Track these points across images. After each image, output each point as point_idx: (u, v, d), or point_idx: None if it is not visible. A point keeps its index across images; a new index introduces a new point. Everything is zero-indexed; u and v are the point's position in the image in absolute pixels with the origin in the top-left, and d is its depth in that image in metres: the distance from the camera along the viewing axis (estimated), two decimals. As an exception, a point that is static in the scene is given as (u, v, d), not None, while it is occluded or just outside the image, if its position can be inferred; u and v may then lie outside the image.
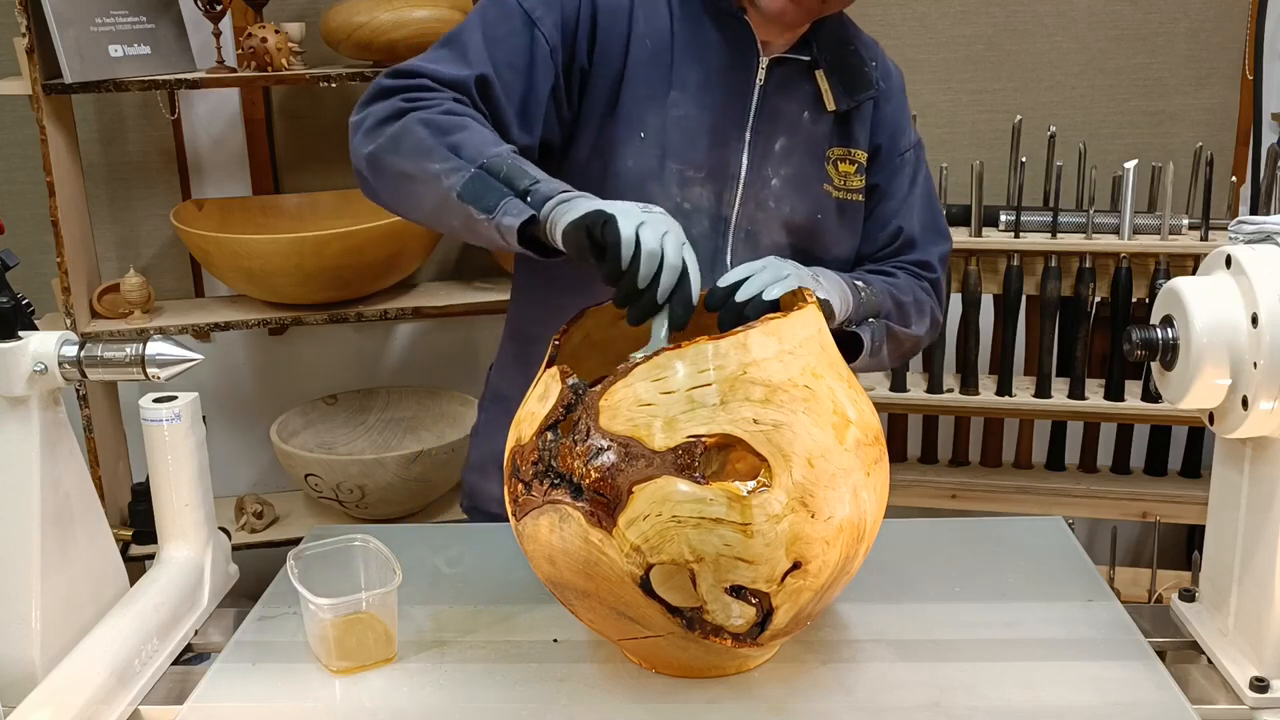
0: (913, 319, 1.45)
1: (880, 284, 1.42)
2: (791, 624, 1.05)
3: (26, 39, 2.01)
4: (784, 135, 1.40)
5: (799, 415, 1.00)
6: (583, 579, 1.04)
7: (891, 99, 1.48)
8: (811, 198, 1.41)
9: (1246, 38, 2.56)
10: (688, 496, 0.97)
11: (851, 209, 1.45)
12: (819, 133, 1.42)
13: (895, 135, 1.48)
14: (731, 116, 1.38)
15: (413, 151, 1.21)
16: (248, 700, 1.12)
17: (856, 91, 1.43)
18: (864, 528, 1.05)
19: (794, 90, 1.40)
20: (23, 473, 1.12)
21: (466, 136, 1.20)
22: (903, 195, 1.49)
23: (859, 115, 1.44)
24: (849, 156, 1.44)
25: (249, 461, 2.62)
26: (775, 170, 1.40)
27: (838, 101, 1.41)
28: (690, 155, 1.36)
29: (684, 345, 1.00)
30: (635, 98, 1.35)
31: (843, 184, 1.44)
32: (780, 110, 1.39)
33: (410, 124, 1.22)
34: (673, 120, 1.36)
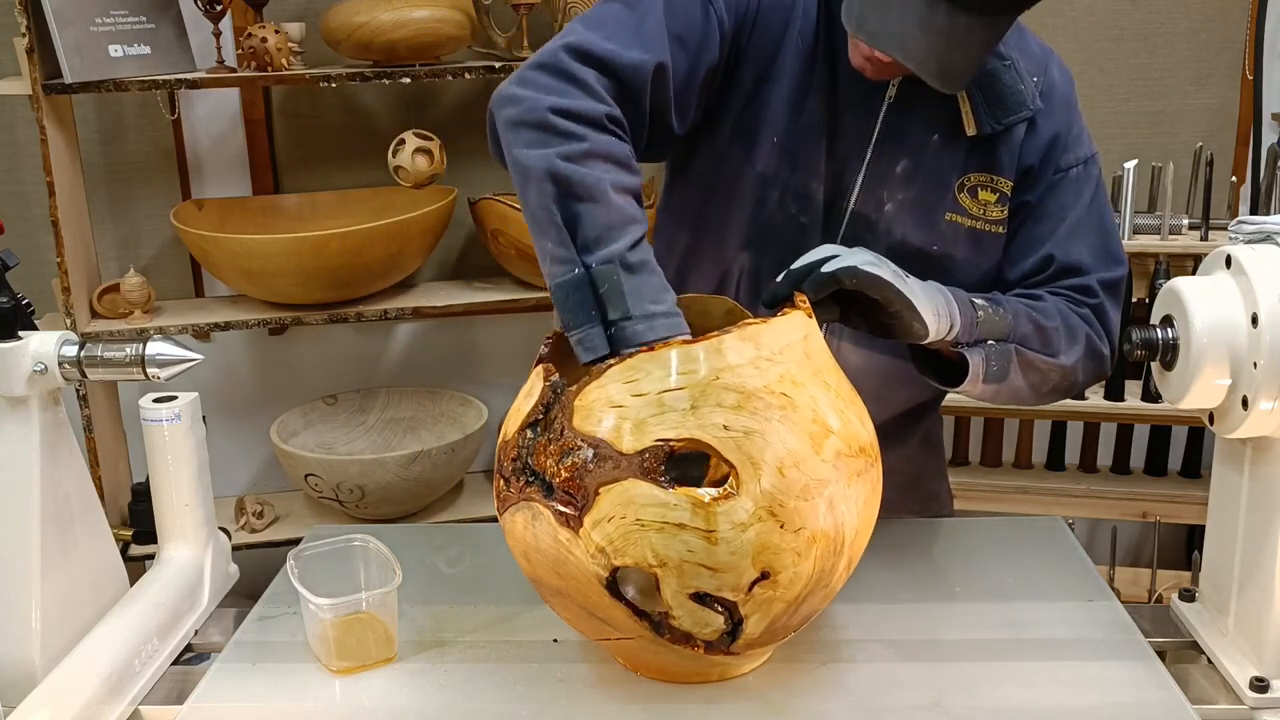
0: (1060, 347, 1.27)
1: (1016, 305, 1.26)
2: (767, 634, 1.04)
3: (26, 39, 2.01)
4: (907, 158, 1.30)
5: (773, 423, 0.98)
6: (554, 577, 1.04)
7: (1053, 114, 1.31)
8: (929, 227, 1.30)
9: (1246, 38, 2.56)
10: (652, 500, 0.96)
11: (989, 240, 1.32)
12: (951, 158, 1.30)
13: (1054, 149, 1.31)
14: (856, 133, 1.29)
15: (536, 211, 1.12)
16: (248, 700, 1.12)
17: (1006, 114, 1.29)
18: (842, 540, 1.02)
19: (927, 111, 1.28)
20: (23, 473, 1.12)
21: (592, 211, 1.09)
22: (1059, 217, 1.32)
23: (1007, 140, 1.30)
24: (991, 184, 1.31)
25: (249, 461, 2.62)
26: (892, 195, 1.30)
27: (980, 125, 1.28)
28: (813, 165, 1.29)
29: (658, 348, 1.00)
30: (779, 97, 1.28)
31: (980, 213, 1.31)
32: (906, 131, 1.29)
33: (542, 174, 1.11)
34: (804, 128, 1.28)
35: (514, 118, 1.14)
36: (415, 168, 2.16)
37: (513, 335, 2.61)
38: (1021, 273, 1.33)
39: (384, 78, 2.16)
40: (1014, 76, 1.29)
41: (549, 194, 1.10)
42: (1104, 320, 1.33)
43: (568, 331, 1.08)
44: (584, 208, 1.09)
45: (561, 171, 1.10)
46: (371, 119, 2.48)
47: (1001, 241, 1.33)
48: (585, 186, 1.10)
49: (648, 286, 1.08)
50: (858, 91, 1.28)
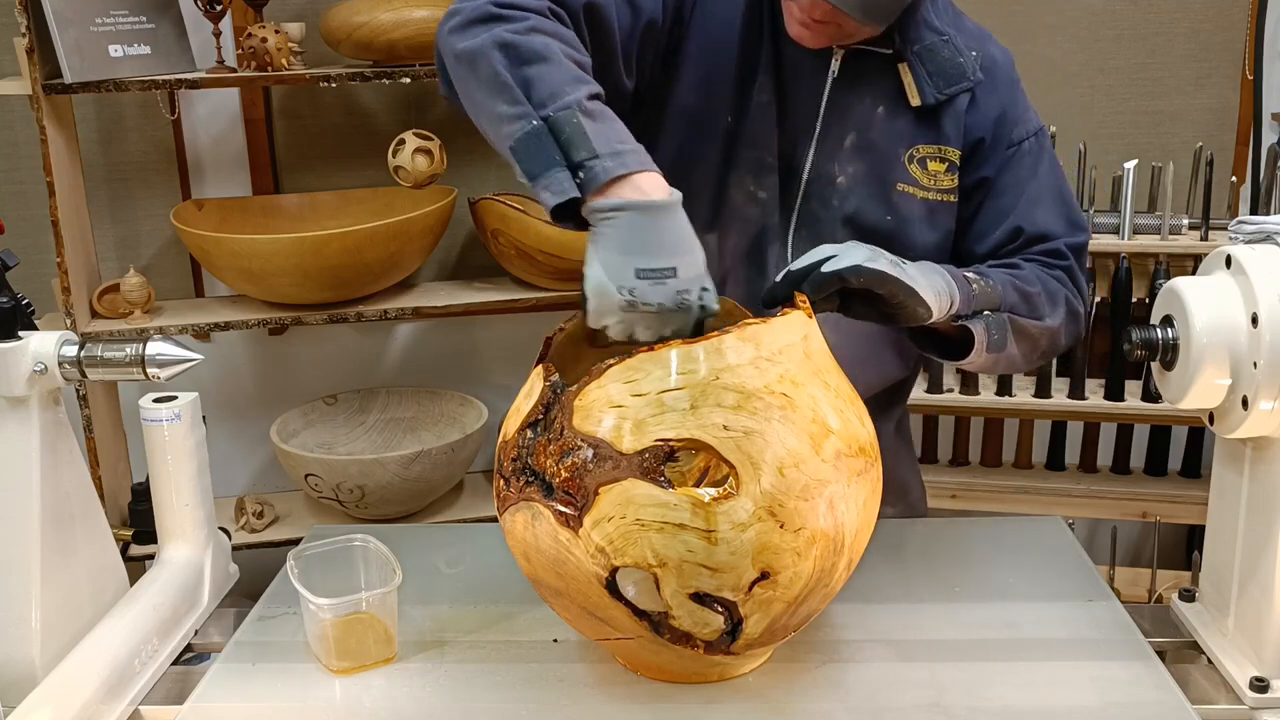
0: (1045, 310, 1.31)
1: (1000, 275, 1.30)
2: (766, 634, 1.04)
3: (26, 39, 2.01)
4: (854, 131, 1.33)
5: (773, 423, 0.98)
6: (554, 577, 1.04)
7: (997, 89, 1.36)
8: (883, 199, 1.33)
9: (1246, 38, 2.56)
10: (652, 500, 0.96)
11: (942, 210, 1.36)
12: (898, 130, 1.33)
13: (1004, 124, 1.36)
14: (803, 110, 1.33)
15: (486, 81, 1.11)
16: (248, 700, 1.12)
17: (947, 84, 1.33)
18: (842, 540, 1.02)
19: (870, 85, 1.32)
20: (23, 473, 1.12)
21: (543, 71, 1.09)
22: (1019, 190, 1.36)
23: (951, 110, 1.34)
24: (939, 155, 1.34)
25: (249, 461, 2.62)
26: (843, 168, 1.33)
27: (923, 96, 1.32)
28: (767, 142, 1.32)
29: (657, 348, 0.99)
30: (728, 79, 1.31)
31: (931, 183, 1.34)
32: (851, 105, 1.32)
33: (489, 45, 1.11)
34: (756, 106, 1.32)
35: (458, 25, 1.15)
36: (415, 168, 2.16)
37: (513, 335, 2.61)
38: (990, 247, 1.37)
39: (384, 78, 2.16)
40: (952, 50, 1.34)
41: (498, 61, 1.10)
42: (1076, 281, 1.37)
43: (531, 181, 1.06)
44: (535, 69, 1.09)
45: (508, 39, 1.10)
46: (371, 119, 2.48)
47: (954, 211, 1.36)
48: (534, 50, 1.10)
49: (611, 130, 1.08)
50: (803, 69, 1.32)
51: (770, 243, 1.35)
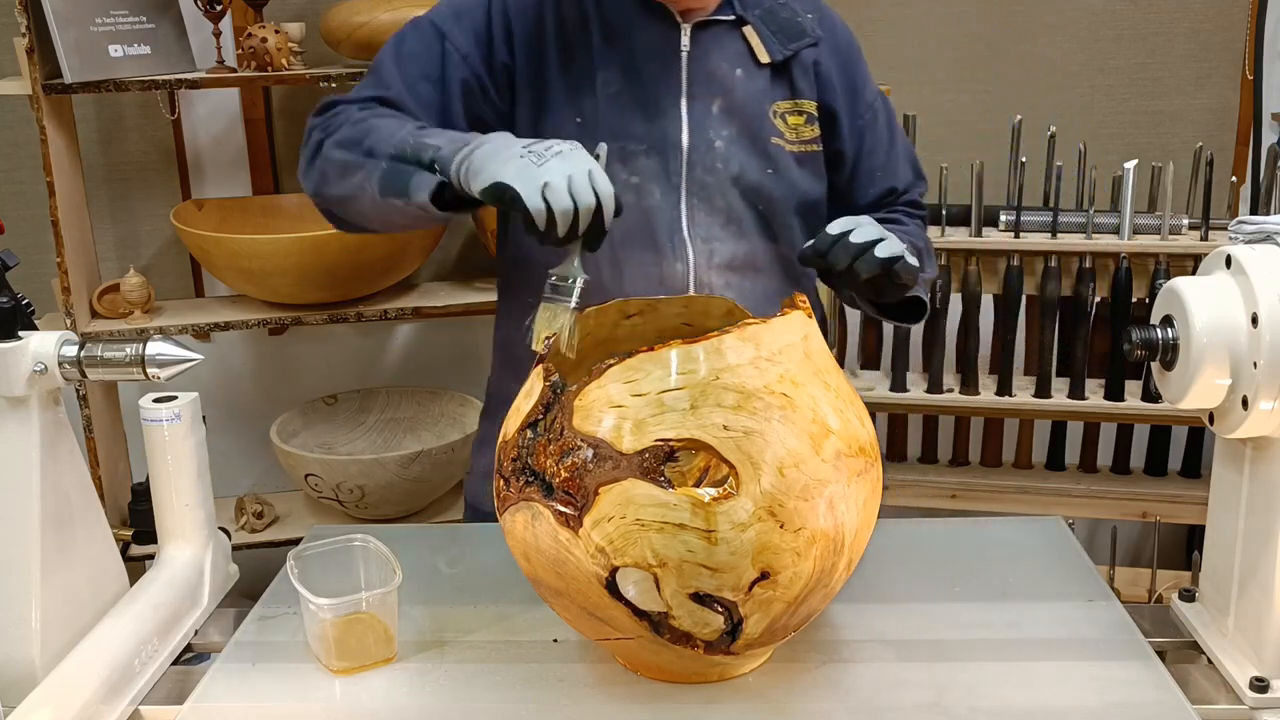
0: (926, 263, 1.47)
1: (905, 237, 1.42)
2: (766, 635, 1.04)
3: (26, 39, 2.01)
4: (720, 96, 1.42)
5: (773, 423, 0.98)
6: (554, 577, 1.04)
7: (839, 51, 1.49)
8: (760, 153, 1.43)
9: (1246, 38, 2.56)
10: (652, 500, 0.96)
11: (810, 160, 1.47)
12: (756, 88, 1.43)
13: (855, 89, 1.50)
14: (664, 87, 1.40)
15: (337, 176, 1.30)
16: (248, 700, 1.12)
17: (790, 41, 1.44)
18: (842, 540, 1.02)
19: (723, 50, 1.42)
20: (23, 473, 1.12)
21: (375, 136, 1.27)
22: (884, 150, 1.52)
23: (800, 66, 1.45)
24: (797, 108, 1.45)
25: (249, 461, 2.62)
26: (717, 132, 1.41)
27: (771, 53, 1.43)
28: (629, 130, 1.40)
29: (658, 348, 0.99)
30: (565, 85, 1.40)
31: (795, 136, 1.45)
32: (711, 73, 1.41)
33: (329, 150, 1.32)
34: (605, 100, 1.39)
35: (304, 171, 1.36)
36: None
37: (513, 335, 2.61)
38: (869, 201, 1.52)
39: (384, 78, 2.16)
40: (791, 11, 1.46)
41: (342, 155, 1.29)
42: (926, 227, 1.58)
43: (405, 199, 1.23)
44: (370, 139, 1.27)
45: (342, 137, 1.30)
46: (371, 119, 2.48)
47: (820, 160, 1.49)
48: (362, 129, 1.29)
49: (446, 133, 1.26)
50: (652, 50, 1.40)
51: (659, 221, 1.41)
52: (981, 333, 2.23)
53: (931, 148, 2.38)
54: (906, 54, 2.54)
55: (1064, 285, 2.18)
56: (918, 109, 2.20)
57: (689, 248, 1.41)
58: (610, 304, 1.19)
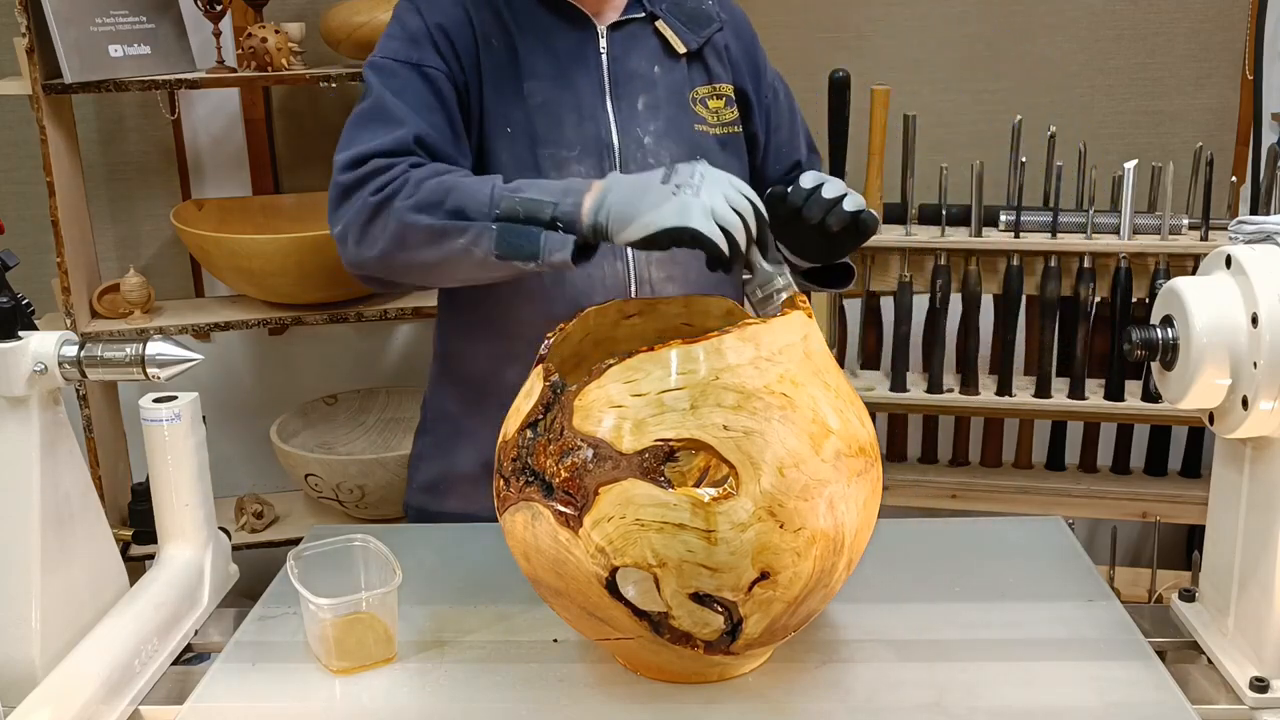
0: None
1: None
2: (766, 634, 1.04)
3: (26, 39, 2.01)
4: (643, 93, 1.45)
5: (773, 423, 0.98)
6: (554, 577, 1.04)
7: (741, 34, 1.55)
8: (687, 142, 1.46)
9: (1246, 38, 2.56)
10: (651, 500, 0.96)
11: (732, 141, 1.51)
12: (677, 79, 1.47)
13: (758, 68, 1.55)
14: (589, 91, 1.43)
15: (424, 242, 1.26)
16: (248, 700, 1.12)
17: (701, 29, 1.49)
18: (842, 540, 1.02)
19: (640, 48, 1.46)
20: (23, 473, 1.12)
21: (459, 197, 1.25)
22: (788, 127, 1.59)
23: (712, 51, 1.50)
24: (715, 92, 1.50)
25: (249, 461, 2.62)
26: (645, 129, 1.45)
27: (686, 43, 1.47)
28: (558, 137, 1.42)
29: (658, 348, 0.99)
30: (495, 97, 1.42)
31: (717, 120, 1.49)
32: (632, 71, 1.45)
33: (402, 215, 1.27)
34: (534, 109, 1.42)
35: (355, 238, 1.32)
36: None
37: (513, 335, 2.61)
38: (776, 177, 1.57)
39: (384, 78, 2.16)
40: (694, 1, 1.51)
41: (421, 222, 1.25)
42: None
43: (536, 262, 1.21)
44: (450, 201, 1.24)
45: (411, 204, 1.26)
46: (371, 119, 2.48)
47: (741, 140, 1.53)
48: (433, 192, 1.26)
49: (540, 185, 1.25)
50: (572, 56, 1.44)
51: None
52: (981, 333, 2.23)
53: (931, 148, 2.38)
54: (906, 54, 2.54)
55: (1064, 285, 2.18)
56: (918, 109, 2.20)
57: (628, 249, 1.42)
58: (610, 304, 1.19)
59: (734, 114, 1.51)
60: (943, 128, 2.54)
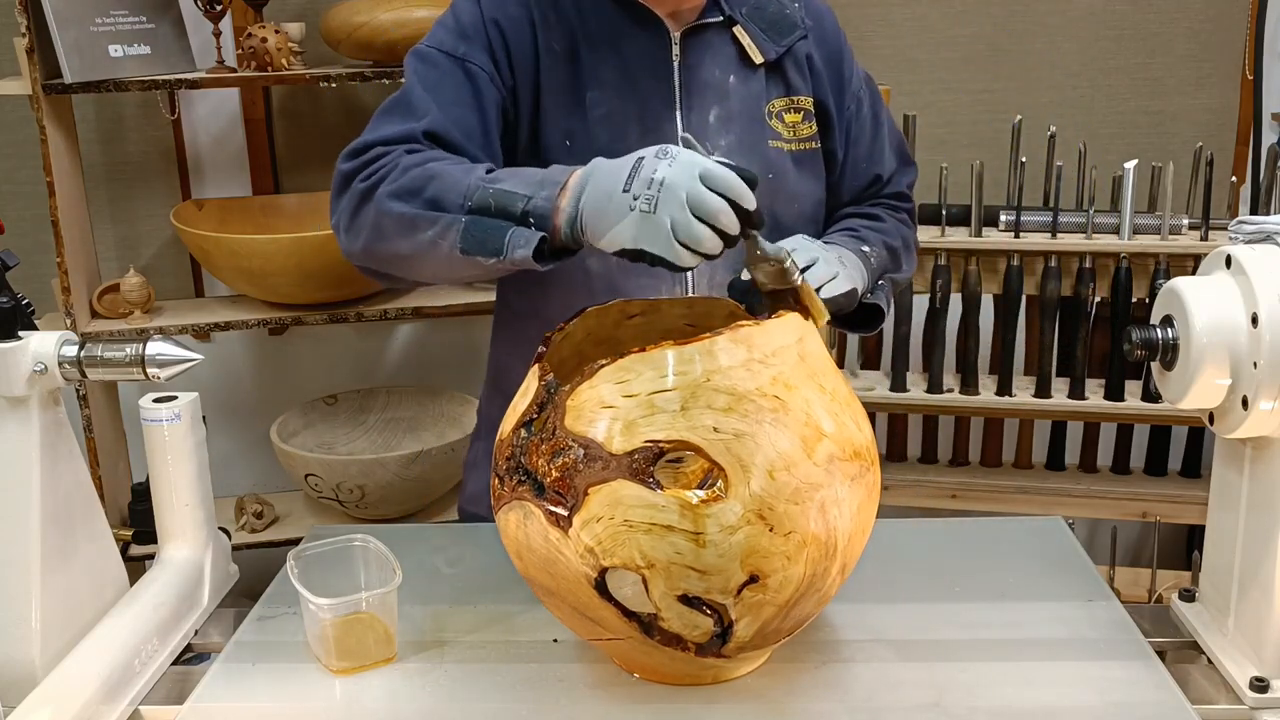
0: (904, 261, 1.46)
1: (875, 238, 1.41)
2: (758, 638, 1.03)
3: (26, 39, 2.01)
4: (716, 104, 1.36)
5: (764, 426, 0.98)
6: (546, 577, 1.04)
7: (826, 41, 1.44)
8: (760, 159, 1.37)
9: (1246, 38, 2.56)
10: (640, 501, 0.96)
11: (809, 158, 1.42)
12: (752, 91, 1.38)
13: (843, 79, 1.44)
14: (657, 101, 1.35)
15: (398, 230, 1.19)
16: (248, 700, 1.12)
17: (782, 37, 1.39)
18: (834, 544, 1.02)
19: (715, 56, 1.37)
20: (23, 473, 1.12)
21: (438, 186, 1.17)
22: (869, 138, 1.47)
23: (793, 61, 1.41)
24: (794, 105, 1.40)
25: (249, 461, 2.62)
26: (715, 143, 1.36)
27: (765, 53, 1.38)
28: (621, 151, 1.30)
29: (650, 349, 0.99)
30: (555, 105, 1.34)
31: (793, 135, 1.40)
32: (706, 81, 1.36)
33: (382, 203, 1.20)
34: (595, 120, 1.33)
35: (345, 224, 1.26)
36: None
37: (513, 335, 2.61)
38: (854, 194, 1.48)
39: (384, 78, 2.16)
40: (777, 5, 1.41)
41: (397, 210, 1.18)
42: (913, 220, 1.52)
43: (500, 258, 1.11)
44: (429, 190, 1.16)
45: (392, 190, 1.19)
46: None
47: (819, 158, 1.44)
48: (415, 180, 1.18)
49: (522, 175, 1.15)
50: (642, 63, 1.34)
51: None
52: (981, 333, 2.23)
53: (931, 148, 2.38)
54: (906, 54, 2.54)
55: (1064, 285, 2.18)
56: (918, 109, 2.20)
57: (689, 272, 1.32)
58: (612, 304, 1.19)
59: (812, 129, 1.41)
60: (943, 128, 2.54)
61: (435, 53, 1.32)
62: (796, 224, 1.40)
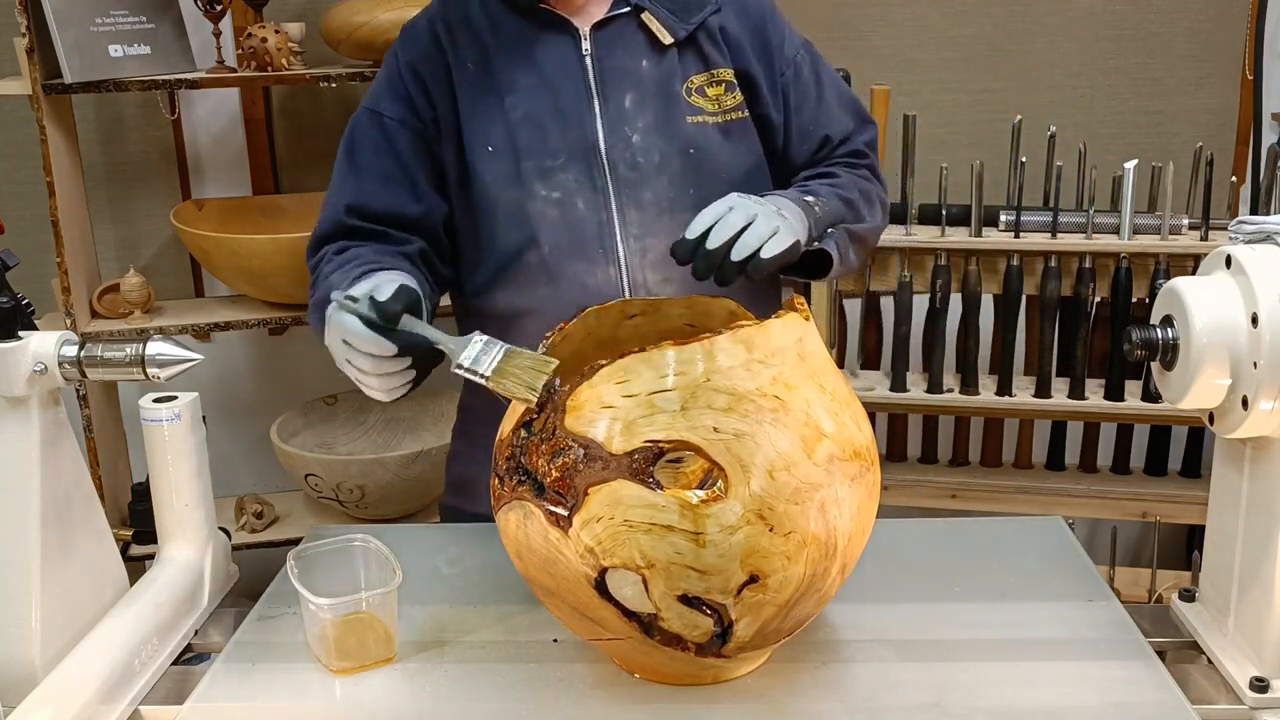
0: (865, 212, 1.44)
1: (825, 190, 1.40)
2: (758, 638, 1.03)
3: (26, 39, 2.01)
4: (630, 90, 1.40)
5: (764, 426, 0.98)
6: (546, 577, 1.04)
7: (747, 11, 1.46)
8: (679, 137, 1.40)
9: (1246, 38, 2.56)
10: (640, 501, 0.96)
11: (737, 128, 1.43)
12: (666, 72, 1.41)
13: (772, 45, 1.46)
14: (573, 95, 1.40)
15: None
16: (248, 700, 1.12)
17: (691, 15, 1.42)
18: (834, 544, 1.02)
19: (625, 44, 1.41)
20: (23, 473, 1.12)
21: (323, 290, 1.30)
22: (814, 101, 1.48)
23: (707, 36, 1.43)
24: (714, 79, 1.43)
25: (249, 461, 2.62)
26: (633, 126, 1.40)
27: (674, 33, 1.41)
28: (542, 148, 1.39)
29: (649, 349, 0.99)
30: (475, 115, 1.41)
31: (717, 107, 1.42)
32: (618, 68, 1.40)
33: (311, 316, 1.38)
34: (515, 123, 1.39)
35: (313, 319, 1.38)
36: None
37: (513, 335, 2.61)
38: (806, 157, 1.49)
39: (384, 78, 2.16)
40: None
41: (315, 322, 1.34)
42: (877, 174, 1.51)
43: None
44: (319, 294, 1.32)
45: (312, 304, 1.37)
46: (371, 119, 2.48)
47: (749, 126, 1.45)
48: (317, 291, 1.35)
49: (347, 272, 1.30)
50: (554, 61, 1.40)
51: (587, 231, 1.40)
52: (981, 333, 2.23)
53: (931, 148, 2.38)
54: (906, 54, 2.54)
55: (1064, 285, 2.18)
56: (918, 109, 2.20)
57: (620, 251, 1.39)
58: (612, 304, 1.19)
59: (736, 99, 1.44)
60: (943, 128, 2.54)
61: (361, 114, 1.46)
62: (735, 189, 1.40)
